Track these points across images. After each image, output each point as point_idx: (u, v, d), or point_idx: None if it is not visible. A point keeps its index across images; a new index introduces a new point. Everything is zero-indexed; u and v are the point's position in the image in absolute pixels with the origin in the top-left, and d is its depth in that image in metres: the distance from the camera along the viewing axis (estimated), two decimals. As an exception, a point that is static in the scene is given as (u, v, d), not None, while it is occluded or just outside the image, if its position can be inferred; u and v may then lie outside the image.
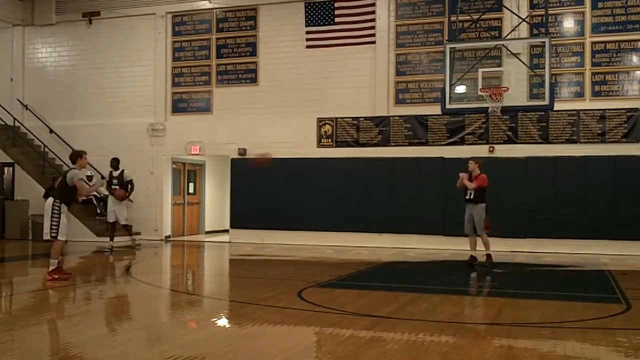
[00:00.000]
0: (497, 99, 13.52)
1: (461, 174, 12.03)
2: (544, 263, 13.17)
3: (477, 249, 12.20)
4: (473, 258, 12.08)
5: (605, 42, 15.11)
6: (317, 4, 16.93)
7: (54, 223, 9.82)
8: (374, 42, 16.56)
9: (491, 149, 15.40)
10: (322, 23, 16.92)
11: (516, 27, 14.88)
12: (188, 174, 19.83)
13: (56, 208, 9.86)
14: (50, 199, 10.06)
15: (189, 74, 18.25)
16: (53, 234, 9.84)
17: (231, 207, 17.66)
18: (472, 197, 11.89)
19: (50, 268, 9.94)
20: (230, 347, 6.07)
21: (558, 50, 15.23)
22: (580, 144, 14.96)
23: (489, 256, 11.92)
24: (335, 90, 16.77)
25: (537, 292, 9.66)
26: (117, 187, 14.95)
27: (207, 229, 20.18)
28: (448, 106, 13.90)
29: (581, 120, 14.98)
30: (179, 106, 18.32)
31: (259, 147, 17.17)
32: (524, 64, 14.90)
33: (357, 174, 16.28)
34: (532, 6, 15.45)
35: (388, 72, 16.44)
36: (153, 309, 8.38)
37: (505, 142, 15.39)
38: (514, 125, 15.38)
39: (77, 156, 10.36)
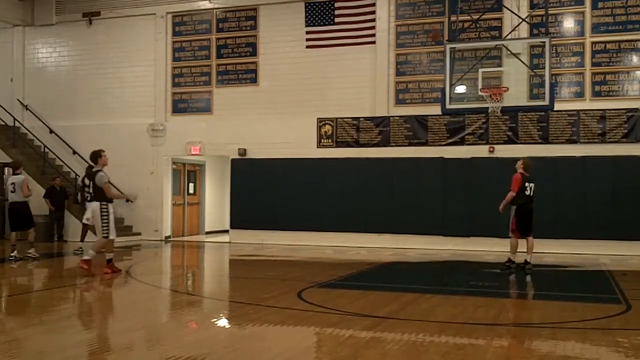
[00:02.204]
0: (497, 99, 13.51)
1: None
2: (544, 263, 13.15)
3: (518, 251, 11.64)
4: (525, 262, 11.48)
5: (605, 42, 15.11)
6: (317, 4, 16.93)
7: (105, 224, 10.46)
8: (374, 42, 16.56)
9: (491, 149, 15.40)
10: (322, 23, 16.92)
11: (516, 27, 14.87)
12: (188, 174, 19.83)
13: (104, 209, 10.48)
14: (97, 203, 10.52)
15: (189, 74, 18.26)
16: (105, 234, 10.49)
17: (231, 207, 17.67)
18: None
19: (108, 257, 10.68)
20: (231, 348, 6.07)
21: (558, 51, 15.23)
22: (581, 144, 14.96)
23: (509, 260, 11.54)
24: (335, 91, 16.77)
25: (537, 292, 9.66)
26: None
27: (207, 230, 20.19)
28: (448, 106, 13.88)
29: (581, 120, 14.98)
30: (179, 106, 18.32)
31: (259, 147, 17.18)
32: (524, 64, 14.90)
33: (357, 174, 16.28)
34: (532, 6, 15.44)
35: (388, 72, 16.44)
36: (153, 310, 8.37)
37: (505, 142, 15.38)
38: (514, 125, 15.38)
39: (96, 156, 10.88)
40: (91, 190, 10.71)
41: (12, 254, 12.71)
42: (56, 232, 17.65)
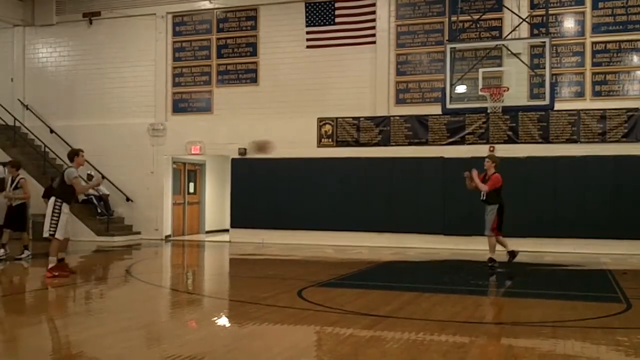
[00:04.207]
0: (497, 98, 13.51)
1: (465, 173, 11.61)
2: (544, 262, 13.16)
3: (501, 249, 11.72)
4: (512, 254, 11.68)
5: (605, 42, 15.11)
6: (317, 4, 16.93)
7: (54, 221, 10.03)
8: (374, 42, 16.56)
9: (491, 148, 15.39)
10: (322, 23, 16.92)
11: (516, 27, 14.86)
12: (188, 174, 19.83)
13: (57, 207, 10.08)
14: (53, 198, 10.22)
15: (189, 74, 18.26)
16: (51, 232, 10.03)
17: (231, 206, 17.66)
18: (484, 197, 11.56)
19: (50, 265, 10.13)
20: (231, 347, 6.07)
21: (558, 50, 15.23)
22: (581, 143, 14.96)
23: (491, 259, 11.58)
24: (335, 90, 16.77)
25: (537, 291, 9.66)
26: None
27: (207, 229, 20.19)
28: (448, 106, 13.87)
29: (581, 120, 14.98)
30: (180, 106, 18.33)
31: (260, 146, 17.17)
32: (525, 64, 14.89)
33: (358, 174, 16.28)
34: (533, 6, 15.44)
35: (388, 72, 16.44)
36: (153, 308, 8.38)
37: (505, 142, 15.38)
38: (514, 125, 15.38)
39: (74, 154, 10.55)
40: (54, 186, 10.54)
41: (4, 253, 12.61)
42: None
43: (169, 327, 7.09)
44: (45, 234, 10.16)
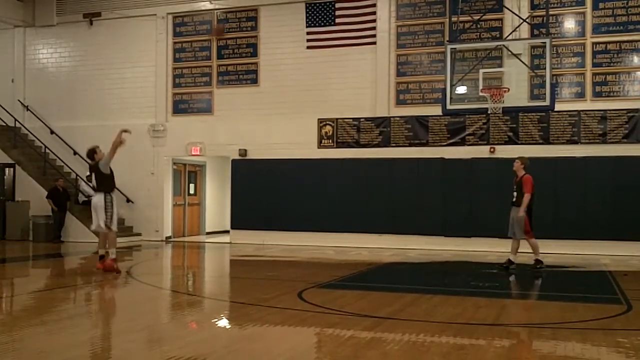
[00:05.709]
0: (497, 99, 13.50)
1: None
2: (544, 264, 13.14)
3: (517, 253, 11.71)
4: (509, 261, 11.62)
5: (606, 43, 15.11)
6: (317, 4, 16.93)
7: (108, 213, 10.52)
8: (374, 43, 16.56)
9: (492, 149, 15.40)
10: (322, 24, 16.93)
11: (517, 27, 14.87)
12: (189, 175, 19.83)
13: (108, 200, 10.58)
14: (101, 194, 10.59)
15: (189, 75, 18.26)
16: (107, 223, 10.50)
17: (232, 208, 17.67)
18: (515, 200, 11.46)
19: (111, 257, 10.64)
20: (231, 348, 6.07)
21: (559, 51, 15.23)
22: (581, 144, 14.96)
23: (537, 261, 11.52)
24: (336, 91, 16.77)
25: (537, 292, 9.66)
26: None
27: (207, 230, 20.19)
28: (449, 107, 13.86)
29: (582, 120, 14.98)
30: (180, 107, 18.33)
31: (260, 147, 17.18)
32: (525, 64, 14.89)
33: (358, 174, 16.28)
34: (533, 7, 15.45)
35: (389, 72, 16.44)
36: (154, 310, 8.38)
37: (506, 143, 15.38)
38: (514, 126, 15.38)
39: (92, 152, 11.09)
40: (95, 183, 10.87)
41: None
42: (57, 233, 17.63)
43: (169, 329, 7.09)
44: (99, 229, 10.59)
